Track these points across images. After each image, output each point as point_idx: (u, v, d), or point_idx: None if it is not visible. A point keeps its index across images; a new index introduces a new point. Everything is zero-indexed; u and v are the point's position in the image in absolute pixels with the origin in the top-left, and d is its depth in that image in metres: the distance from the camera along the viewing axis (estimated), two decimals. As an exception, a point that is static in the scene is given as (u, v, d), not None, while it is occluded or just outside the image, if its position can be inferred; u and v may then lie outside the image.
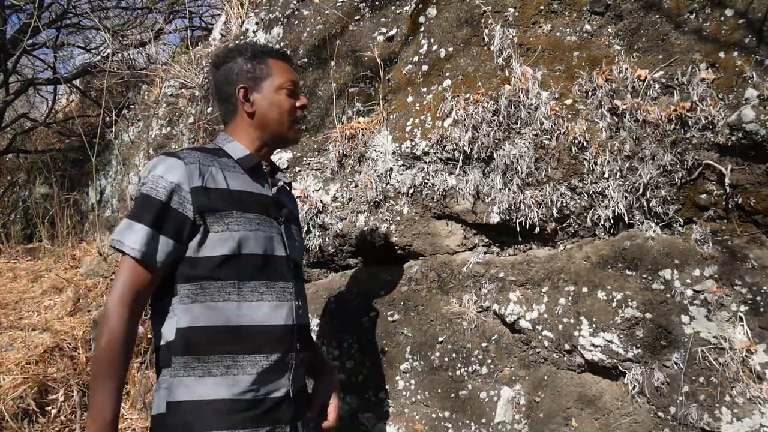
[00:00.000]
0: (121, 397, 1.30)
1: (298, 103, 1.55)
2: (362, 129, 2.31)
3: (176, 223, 1.33)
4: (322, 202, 2.31)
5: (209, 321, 1.35)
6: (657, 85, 1.89)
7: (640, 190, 1.89)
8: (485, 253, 2.19)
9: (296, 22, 2.60)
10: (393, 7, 2.44)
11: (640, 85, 1.89)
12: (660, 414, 1.81)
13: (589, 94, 1.97)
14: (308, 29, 2.56)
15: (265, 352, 1.39)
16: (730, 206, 1.81)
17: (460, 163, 2.09)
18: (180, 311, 1.35)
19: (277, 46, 2.62)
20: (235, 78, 1.51)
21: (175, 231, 1.33)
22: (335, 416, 1.62)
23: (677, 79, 1.86)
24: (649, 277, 1.86)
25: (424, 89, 2.22)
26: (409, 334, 2.15)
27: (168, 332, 1.37)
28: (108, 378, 1.27)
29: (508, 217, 2.05)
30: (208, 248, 1.36)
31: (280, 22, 2.64)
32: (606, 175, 1.92)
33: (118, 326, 1.29)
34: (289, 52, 2.59)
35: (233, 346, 1.36)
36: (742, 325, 1.72)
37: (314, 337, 2.30)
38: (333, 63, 2.46)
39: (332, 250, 2.35)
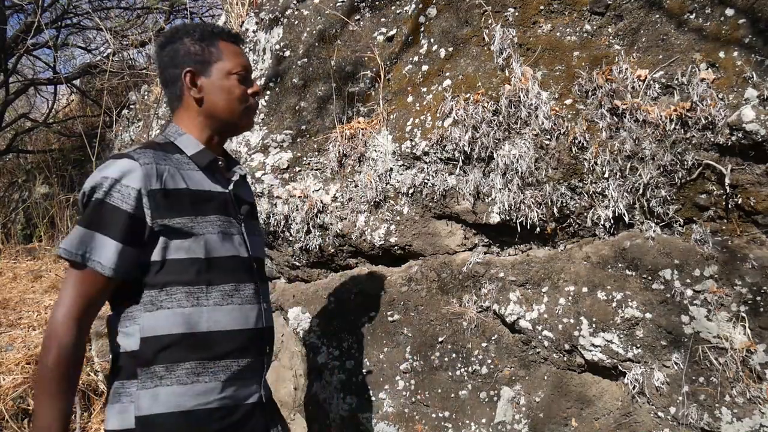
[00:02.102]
0: (69, 420, 1.23)
1: (250, 90, 1.43)
2: (362, 129, 2.31)
3: (138, 231, 1.25)
4: (322, 202, 2.31)
5: (177, 328, 1.28)
6: (657, 85, 1.89)
7: (640, 190, 1.89)
8: (485, 253, 2.18)
9: (296, 22, 2.60)
10: (393, 7, 2.44)
11: (640, 85, 1.89)
12: (660, 414, 1.81)
13: (589, 94, 1.97)
14: (308, 29, 2.56)
15: (236, 357, 1.33)
16: (730, 206, 1.81)
17: (460, 163, 2.09)
18: (144, 319, 1.28)
19: (277, 46, 2.62)
20: (181, 60, 1.39)
21: (137, 239, 1.26)
22: None
23: (677, 79, 1.86)
24: (649, 277, 1.86)
25: (424, 89, 2.22)
26: (409, 334, 2.15)
27: (131, 342, 1.29)
28: (56, 397, 1.19)
29: (508, 217, 2.05)
30: (173, 253, 1.28)
31: (280, 22, 2.64)
32: (606, 175, 1.92)
33: (67, 342, 1.20)
34: (288, 52, 2.59)
35: (203, 353, 1.29)
36: (743, 325, 1.72)
37: (314, 337, 2.31)
38: (333, 63, 2.46)
39: (332, 250, 2.35)
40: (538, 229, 2.04)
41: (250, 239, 1.45)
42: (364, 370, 2.18)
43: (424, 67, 2.26)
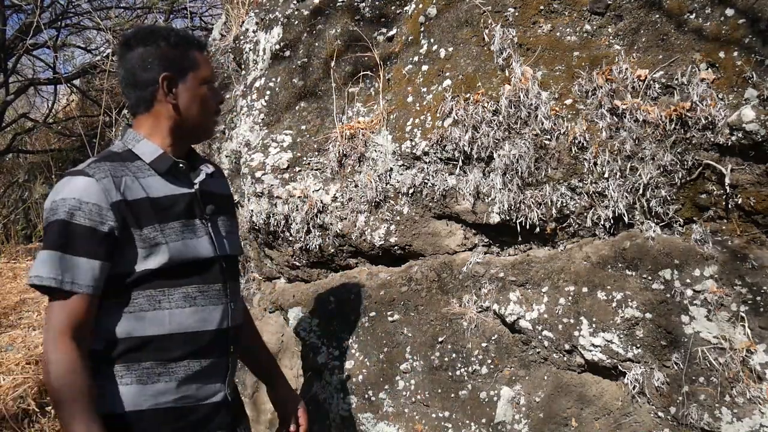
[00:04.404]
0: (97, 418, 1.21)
1: (218, 100, 1.47)
2: (362, 129, 2.31)
3: (106, 245, 1.25)
4: (322, 202, 2.31)
5: (139, 331, 1.29)
6: (657, 85, 1.89)
7: (640, 190, 1.89)
8: (485, 253, 2.18)
9: (296, 22, 2.60)
10: (393, 7, 2.44)
11: (640, 85, 1.89)
12: (660, 414, 1.81)
13: (589, 94, 1.97)
14: (308, 29, 2.56)
15: (199, 357, 1.34)
16: (730, 206, 1.81)
17: (460, 163, 2.09)
18: (106, 323, 1.29)
19: (277, 46, 2.62)
20: (158, 64, 1.36)
21: (105, 253, 1.26)
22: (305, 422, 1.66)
23: (677, 79, 1.86)
24: (649, 277, 1.86)
25: (424, 89, 2.22)
26: (409, 334, 2.15)
27: (96, 342, 1.30)
28: (79, 417, 1.17)
29: (508, 217, 2.05)
30: (135, 262, 1.29)
31: (280, 22, 2.64)
32: (606, 175, 1.92)
33: (67, 361, 1.19)
34: (288, 52, 2.59)
35: (163, 354, 1.31)
36: (743, 325, 1.72)
37: (314, 337, 2.31)
38: (333, 63, 2.46)
39: (332, 250, 2.35)
40: (538, 229, 2.04)
41: (219, 238, 1.44)
42: (364, 370, 2.18)
43: (424, 67, 2.26)
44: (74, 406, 1.18)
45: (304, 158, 2.40)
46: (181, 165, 1.43)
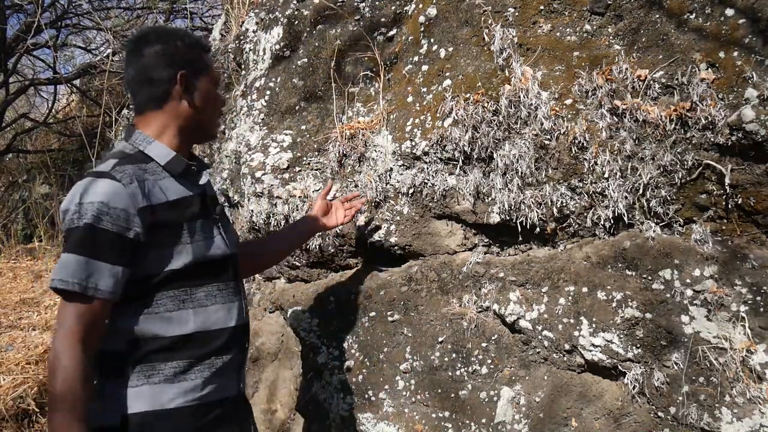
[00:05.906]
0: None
1: (222, 102, 1.53)
2: (362, 129, 2.31)
3: (130, 251, 1.26)
4: (322, 202, 2.31)
5: (164, 331, 1.31)
6: (657, 85, 1.89)
7: (640, 190, 1.89)
8: (485, 253, 2.18)
9: (296, 22, 2.60)
10: (393, 7, 2.44)
11: (640, 85, 1.89)
12: (660, 414, 1.81)
13: (589, 94, 1.97)
14: (308, 29, 2.56)
15: (221, 354, 1.38)
16: (730, 206, 1.81)
17: (460, 163, 2.09)
18: (131, 323, 1.31)
19: (277, 46, 2.62)
20: (176, 62, 1.37)
21: (128, 259, 1.27)
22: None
23: (677, 79, 1.86)
24: (649, 277, 1.86)
25: (424, 89, 2.22)
26: (409, 334, 2.15)
27: (118, 342, 1.31)
28: (72, 424, 1.17)
29: (508, 217, 2.05)
30: (159, 264, 1.31)
31: (280, 22, 2.64)
32: (606, 175, 1.92)
33: (74, 365, 1.19)
34: (288, 52, 2.59)
35: (189, 352, 1.33)
36: (743, 325, 1.72)
37: (314, 337, 2.31)
38: (333, 63, 2.46)
39: (332, 250, 2.35)
40: (538, 229, 2.04)
41: (228, 237, 1.48)
42: (364, 370, 2.18)
43: (424, 67, 2.26)
44: (71, 415, 1.19)
45: (304, 158, 2.40)
46: (193, 167, 1.44)
